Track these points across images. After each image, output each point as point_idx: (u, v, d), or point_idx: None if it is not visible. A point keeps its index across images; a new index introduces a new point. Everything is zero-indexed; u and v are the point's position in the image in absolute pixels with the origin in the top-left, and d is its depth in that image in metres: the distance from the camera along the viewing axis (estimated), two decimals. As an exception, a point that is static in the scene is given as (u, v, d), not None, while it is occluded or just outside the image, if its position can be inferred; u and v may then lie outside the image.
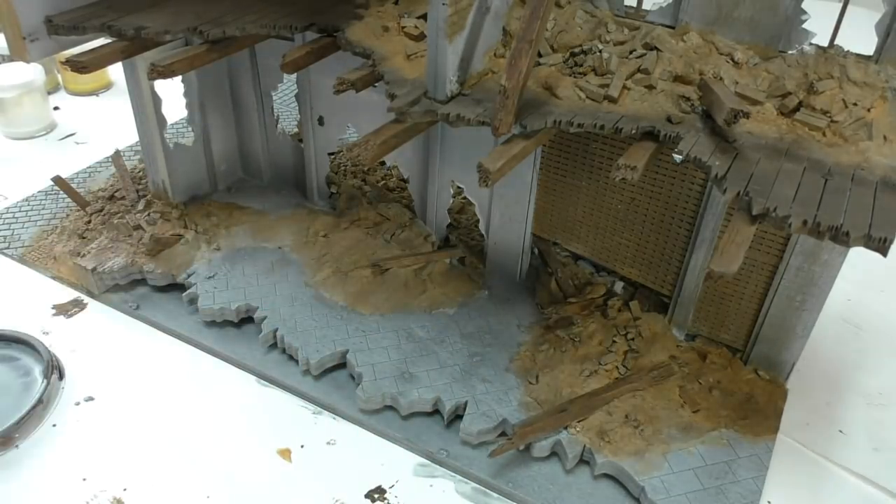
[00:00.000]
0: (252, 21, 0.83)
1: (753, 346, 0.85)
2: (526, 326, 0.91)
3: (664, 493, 0.71)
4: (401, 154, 0.96)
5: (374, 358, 0.85)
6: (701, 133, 0.65)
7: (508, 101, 0.65)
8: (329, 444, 0.79)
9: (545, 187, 0.94)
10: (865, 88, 0.67)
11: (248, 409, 0.83)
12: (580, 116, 0.68)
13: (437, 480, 0.76)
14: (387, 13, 0.84)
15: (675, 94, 0.70)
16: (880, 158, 0.63)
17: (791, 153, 0.64)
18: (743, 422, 0.79)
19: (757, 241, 0.79)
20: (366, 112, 0.96)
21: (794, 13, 0.71)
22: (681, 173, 0.82)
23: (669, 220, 0.86)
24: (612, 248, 0.95)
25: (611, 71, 0.72)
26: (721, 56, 0.73)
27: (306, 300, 0.92)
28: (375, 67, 0.77)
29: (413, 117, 0.72)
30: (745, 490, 0.73)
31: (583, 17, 0.78)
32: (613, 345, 0.87)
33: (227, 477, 0.75)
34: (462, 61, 0.72)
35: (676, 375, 0.83)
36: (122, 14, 0.83)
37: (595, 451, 0.74)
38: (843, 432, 0.84)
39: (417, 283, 0.97)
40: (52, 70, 1.49)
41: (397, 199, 1.10)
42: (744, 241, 0.55)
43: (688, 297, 0.87)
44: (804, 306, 0.79)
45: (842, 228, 0.54)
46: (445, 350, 0.87)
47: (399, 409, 0.80)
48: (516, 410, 0.79)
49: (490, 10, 0.73)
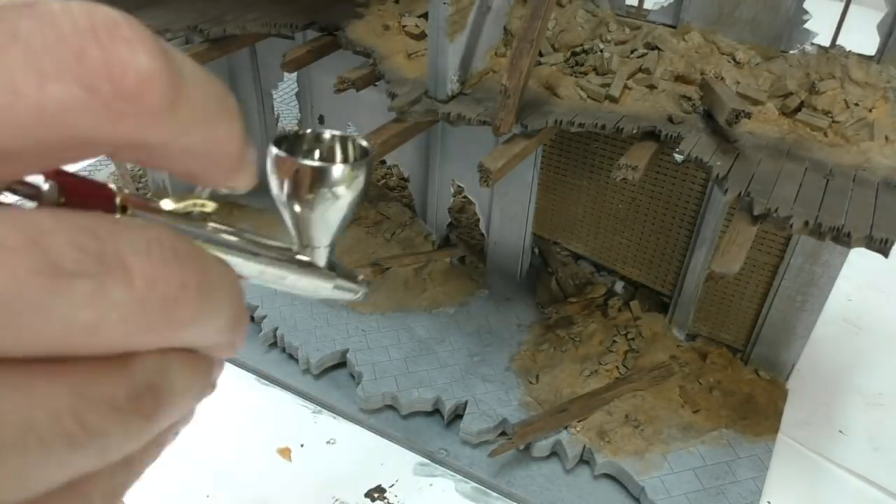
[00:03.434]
0: (253, 19, 0.83)
1: (754, 347, 0.85)
2: (526, 326, 0.91)
3: (664, 493, 0.71)
4: (401, 153, 0.96)
5: (374, 357, 0.85)
6: (702, 133, 0.65)
7: (509, 100, 0.65)
8: (329, 443, 0.79)
9: (546, 187, 0.94)
10: (867, 88, 0.67)
11: (248, 408, 0.83)
12: (581, 116, 0.68)
13: (437, 480, 0.76)
14: (387, 12, 0.84)
15: (676, 94, 0.70)
16: (882, 159, 0.63)
17: (792, 153, 0.64)
18: (743, 422, 0.79)
19: (758, 242, 0.79)
20: (366, 111, 0.96)
21: (795, 13, 0.71)
22: (682, 173, 0.82)
23: (670, 219, 0.86)
24: (612, 247, 0.95)
25: (612, 70, 0.72)
26: (722, 56, 0.72)
27: (306, 299, 0.92)
28: (376, 66, 0.77)
29: (414, 116, 0.71)
30: (745, 490, 0.73)
31: (584, 17, 0.78)
32: (614, 344, 0.87)
33: (227, 476, 0.75)
34: (463, 60, 0.72)
35: (677, 375, 0.83)
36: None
37: (595, 451, 0.74)
38: (843, 432, 0.84)
39: (418, 282, 0.97)
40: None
41: (397, 198, 1.10)
42: (745, 241, 0.55)
43: (688, 297, 0.87)
44: (805, 307, 0.79)
45: (843, 229, 0.54)
46: (445, 349, 0.87)
47: (399, 409, 0.80)
48: (516, 410, 0.79)
49: (491, 10, 0.73)
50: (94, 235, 0.12)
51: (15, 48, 0.11)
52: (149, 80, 0.12)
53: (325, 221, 0.17)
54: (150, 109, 0.13)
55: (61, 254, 0.12)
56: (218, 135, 0.14)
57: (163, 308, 0.13)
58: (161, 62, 0.13)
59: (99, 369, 0.13)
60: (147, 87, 0.12)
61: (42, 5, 0.12)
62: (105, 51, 0.12)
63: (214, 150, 0.15)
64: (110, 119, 0.12)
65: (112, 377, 0.13)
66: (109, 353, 0.13)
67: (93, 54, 0.12)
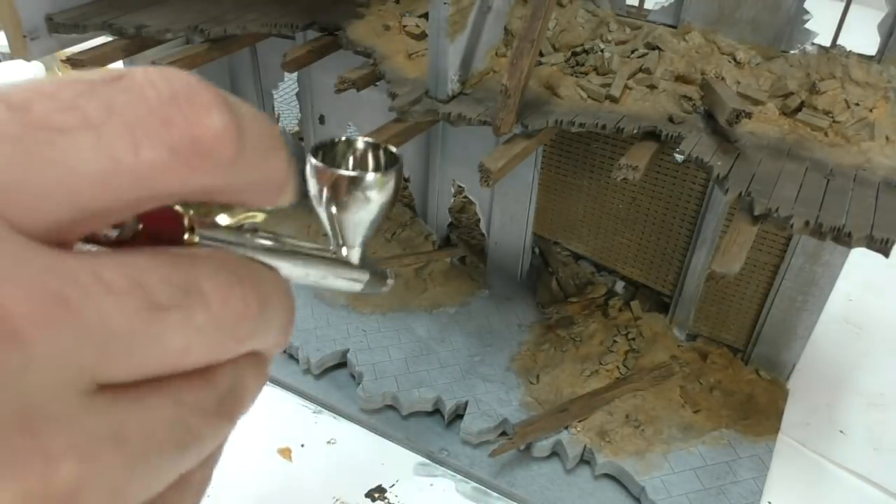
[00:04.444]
0: (253, 19, 0.83)
1: (754, 347, 0.85)
2: (527, 326, 0.91)
3: (664, 493, 0.71)
4: (402, 153, 0.96)
5: (374, 357, 0.84)
6: (703, 133, 0.65)
7: (510, 100, 0.65)
8: (329, 443, 0.79)
9: (546, 187, 0.94)
10: (868, 89, 0.67)
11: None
12: (582, 116, 0.68)
13: (437, 480, 0.76)
14: (388, 12, 0.84)
15: (676, 94, 0.70)
16: (882, 159, 0.63)
17: (793, 153, 0.64)
18: (744, 422, 0.79)
19: (758, 242, 0.79)
20: (367, 111, 0.96)
21: (796, 13, 0.71)
22: (682, 173, 0.82)
23: (671, 219, 0.86)
24: (613, 247, 0.95)
25: (612, 70, 0.72)
26: (723, 56, 0.72)
27: (307, 299, 0.92)
28: (376, 66, 0.77)
29: (414, 116, 0.71)
30: (745, 490, 0.73)
31: (584, 17, 0.78)
32: (614, 344, 0.87)
33: (227, 476, 0.75)
34: (463, 60, 0.72)
35: (677, 375, 0.83)
36: (123, 12, 0.83)
37: (596, 451, 0.74)
38: (843, 432, 0.84)
39: (418, 282, 0.97)
40: (52, 68, 1.49)
41: (398, 199, 1.10)
42: (745, 241, 0.55)
43: (689, 297, 0.87)
44: (805, 307, 0.79)
45: (844, 229, 0.54)
46: (446, 349, 0.87)
47: (399, 409, 0.80)
48: (517, 410, 0.79)
49: (492, 9, 0.73)
50: (179, 270, 0.14)
51: (112, 121, 0.13)
52: (221, 137, 0.14)
53: (359, 224, 0.19)
54: (222, 161, 0.14)
55: (157, 291, 0.14)
56: (270, 167, 0.16)
57: (233, 324, 0.15)
58: (229, 118, 0.14)
59: (191, 382, 0.15)
60: (219, 142, 0.14)
61: (129, 78, 0.14)
62: (186, 116, 0.14)
63: (268, 180, 0.16)
64: (190, 174, 0.14)
65: (202, 388, 0.15)
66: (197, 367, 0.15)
67: (177, 120, 0.14)
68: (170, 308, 0.14)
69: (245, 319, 0.16)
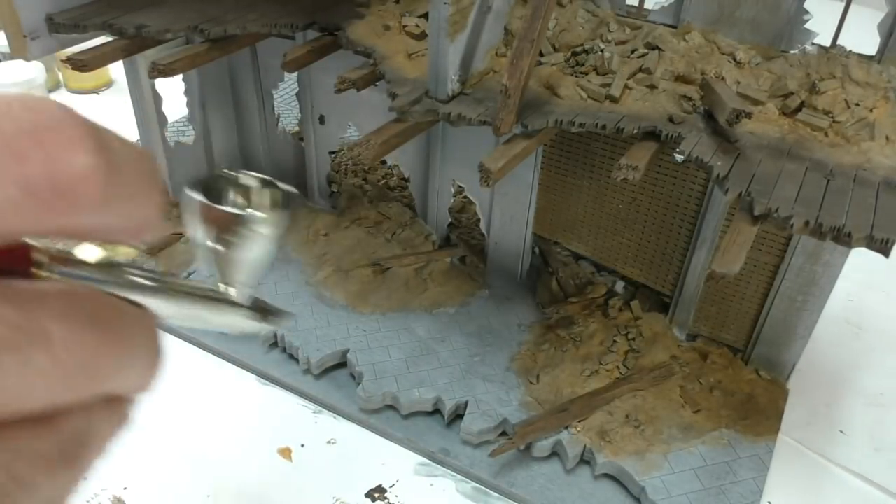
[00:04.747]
0: (253, 19, 0.83)
1: (754, 347, 0.85)
2: (527, 326, 0.91)
3: (665, 493, 0.71)
4: (402, 153, 0.96)
5: (374, 357, 0.84)
6: (703, 133, 0.65)
7: (510, 100, 0.65)
8: (329, 443, 0.79)
9: (546, 187, 0.94)
10: (868, 89, 0.67)
11: (249, 408, 0.83)
12: (582, 116, 0.68)
13: (437, 480, 0.76)
14: (388, 12, 0.84)
15: (676, 94, 0.70)
16: (882, 159, 0.63)
17: (793, 153, 0.64)
18: (744, 422, 0.79)
19: (758, 242, 0.79)
20: (367, 111, 0.96)
21: (796, 13, 0.71)
22: (682, 173, 0.82)
23: (671, 219, 0.86)
24: (613, 247, 0.95)
25: (612, 70, 0.72)
26: (723, 56, 0.72)
27: (307, 299, 0.92)
28: (376, 66, 0.77)
29: (414, 116, 0.71)
30: (745, 490, 0.73)
31: (584, 17, 0.78)
32: (614, 344, 0.87)
33: (227, 476, 0.75)
34: (463, 60, 0.72)
35: (677, 375, 0.83)
36: (123, 12, 0.83)
37: (596, 451, 0.74)
38: (843, 432, 0.84)
39: (418, 282, 0.97)
40: (52, 68, 1.49)
41: (398, 199, 1.10)
42: (745, 241, 0.55)
43: (689, 297, 0.87)
44: (805, 307, 0.79)
45: (844, 229, 0.54)
46: (446, 349, 0.87)
47: (399, 409, 0.80)
48: (517, 410, 0.79)
49: (492, 9, 0.73)
50: (16, 307, 0.13)
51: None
52: (86, 178, 0.13)
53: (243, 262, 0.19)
54: (85, 203, 0.13)
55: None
56: (140, 208, 0.15)
57: (84, 368, 0.14)
58: (97, 158, 0.13)
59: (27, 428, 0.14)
60: (83, 183, 0.13)
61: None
62: (47, 152, 0.12)
63: (137, 219, 0.15)
64: (46, 214, 0.13)
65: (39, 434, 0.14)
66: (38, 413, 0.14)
67: (33, 157, 0.12)
68: (2, 350, 0.12)
69: (96, 361, 0.14)
